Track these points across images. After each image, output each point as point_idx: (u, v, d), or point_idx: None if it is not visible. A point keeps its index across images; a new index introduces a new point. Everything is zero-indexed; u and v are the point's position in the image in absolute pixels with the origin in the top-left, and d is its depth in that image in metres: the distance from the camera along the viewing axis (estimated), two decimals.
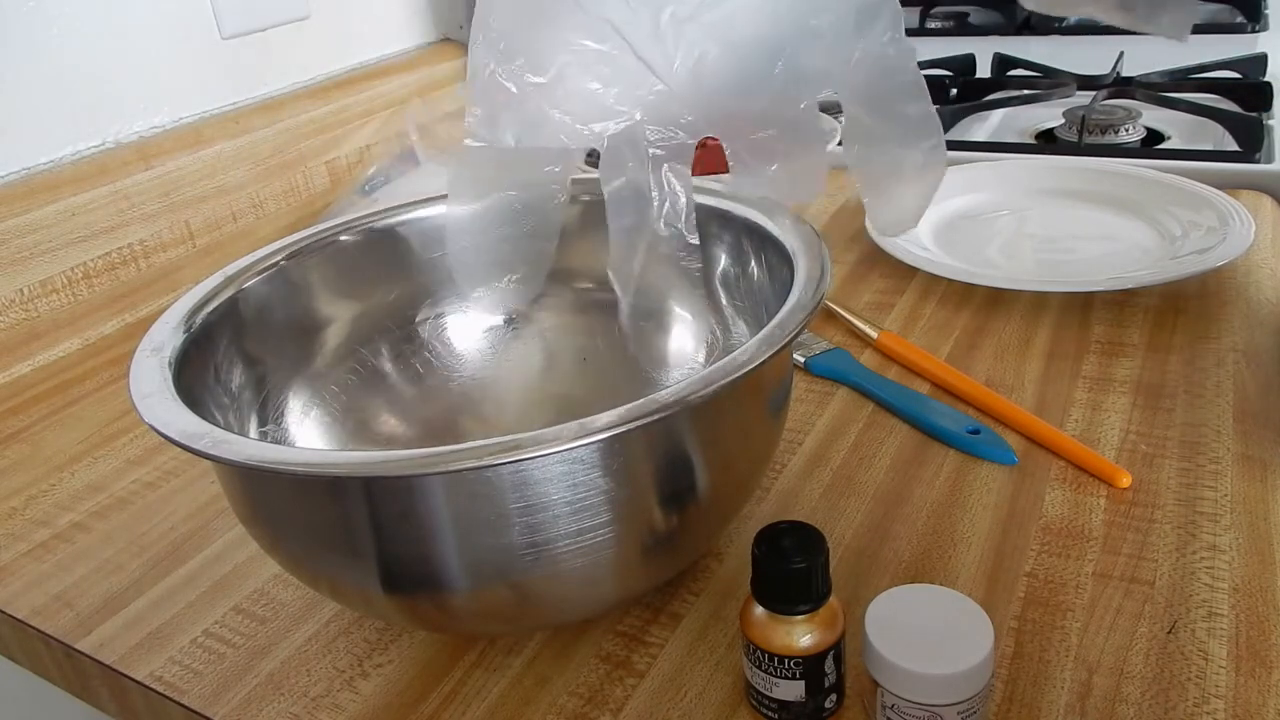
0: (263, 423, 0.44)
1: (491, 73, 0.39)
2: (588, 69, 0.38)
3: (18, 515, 0.52)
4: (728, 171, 0.43)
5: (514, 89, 0.39)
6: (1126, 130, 0.86)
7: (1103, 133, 0.86)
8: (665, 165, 0.40)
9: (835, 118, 0.76)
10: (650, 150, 0.39)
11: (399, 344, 0.51)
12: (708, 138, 0.41)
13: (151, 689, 0.40)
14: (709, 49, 0.38)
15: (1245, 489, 0.45)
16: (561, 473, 0.32)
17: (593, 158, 0.41)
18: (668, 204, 0.40)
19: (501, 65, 0.39)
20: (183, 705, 0.39)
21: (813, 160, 0.41)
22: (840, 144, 0.47)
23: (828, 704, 0.35)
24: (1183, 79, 0.97)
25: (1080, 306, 0.61)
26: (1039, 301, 0.63)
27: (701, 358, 0.50)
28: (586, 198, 0.48)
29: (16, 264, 0.66)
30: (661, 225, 0.40)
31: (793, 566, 0.33)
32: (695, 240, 0.41)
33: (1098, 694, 0.35)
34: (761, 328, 0.34)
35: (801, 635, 0.33)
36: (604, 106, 0.39)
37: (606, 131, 0.39)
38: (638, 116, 0.39)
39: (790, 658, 0.33)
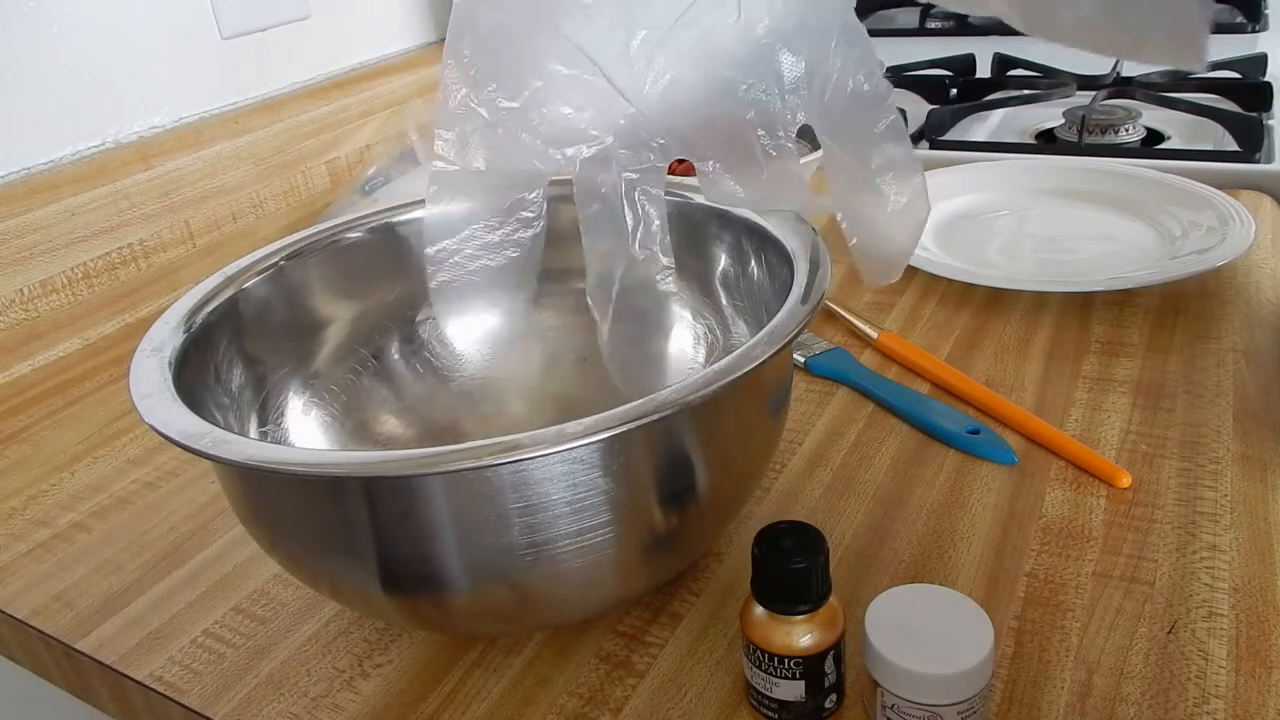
0: (263, 423, 0.44)
1: (463, 98, 0.39)
2: (560, 93, 0.39)
3: (18, 515, 0.52)
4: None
5: (485, 114, 0.39)
6: (1126, 130, 0.86)
7: (1103, 133, 0.86)
8: (638, 189, 0.40)
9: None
10: (623, 174, 0.39)
11: (399, 344, 0.51)
12: (679, 160, 0.41)
13: (151, 689, 0.40)
14: (680, 73, 0.38)
15: (1245, 489, 0.45)
16: (561, 473, 0.32)
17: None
18: (641, 227, 0.40)
19: (473, 91, 0.39)
20: (183, 705, 0.39)
21: (789, 176, 0.41)
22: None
23: (828, 704, 0.35)
24: (1183, 79, 0.97)
25: (1080, 306, 0.61)
26: (1039, 301, 0.63)
27: (701, 358, 0.50)
28: None
29: (16, 264, 0.66)
30: (636, 249, 0.40)
31: (793, 566, 0.33)
32: (670, 263, 0.41)
33: (1098, 694, 0.35)
34: (761, 328, 0.34)
35: (801, 635, 0.33)
36: (576, 130, 0.39)
37: (579, 156, 0.39)
38: (609, 141, 0.39)
39: (790, 658, 0.33)
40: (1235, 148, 0.81)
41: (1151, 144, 0.86)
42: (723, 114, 0.39)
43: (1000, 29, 1.19)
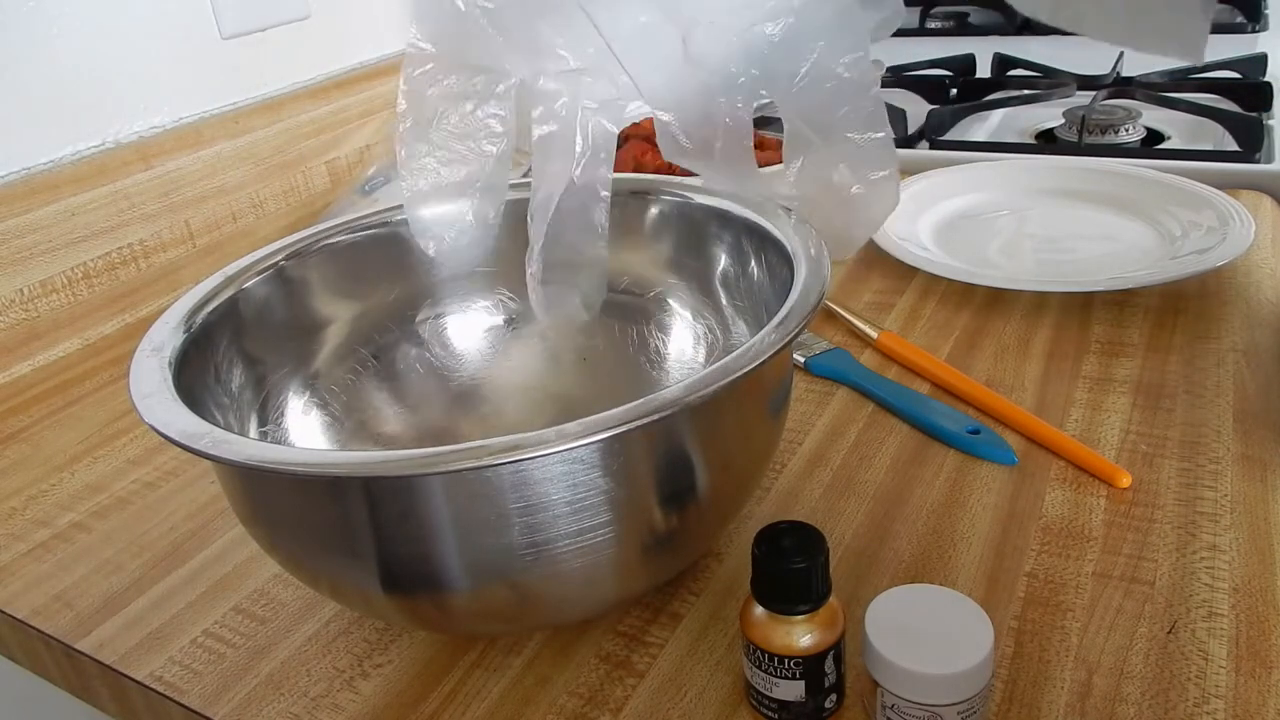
0: (263, 423, 0.44)
1: None
2: (536, 9, 0.38)
3: (18, 515, 0.52)
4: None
5: (461, 6, 0.39)
6: (1126, 130, 0.86)
7: (1103, 133, 0.86)
8: (594, 118, 0.40)
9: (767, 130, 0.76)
10: (582, 101, 0.39)
11: (399, 344, 0.51)
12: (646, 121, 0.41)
13: (151, 689, 0.40)
14: (656, 20, 0.38)
15: (1245, 489, 0.45)
16: (561, 473, 0.32)
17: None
18: (589, 155, 0.40)
19: None
20: (183, 705, 0.39)
21: (742, 151, 0.41)
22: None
23: (828, 704, 0.35)
24: (1183, 79, 0.98)
25: (1080, 306, 0.61)
26: (1039, 301, 0.63)
27: (701, 358, 0.50)
28: None
29: (16, 264, 0.66)
30: (578, 173, 0.40)
31: (793, 566, 0.33)
32: (607, 195, 0.41)
33: (1098, 694, 0.35)
34: (761, 328, 0.34)
35: (801, 635, 0.33)
36: (547, 48, 0.39)
37: (544, 69, 0.39)
38: (574, 64, 0.39)
39: (790, 658, 0.33)
40: (1235, 148, 0.81)
41: (1151, 144, 0.86)
42: (689, 73, 0.39)
43: (1001, 29, 1.19)
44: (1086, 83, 0.97)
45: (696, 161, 0.42)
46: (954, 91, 1.03)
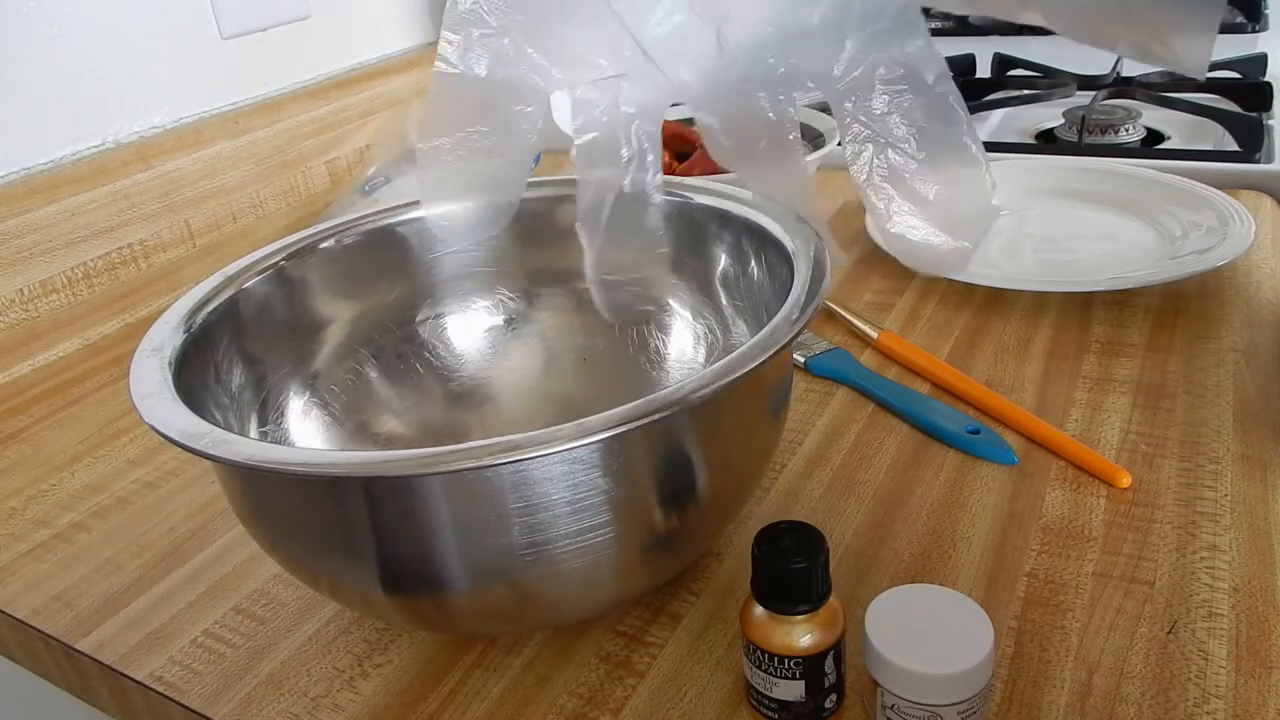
0: (263, 423, 0.44)
1: (474, 3, 0.39)
2: (569, 17, 0.38)
3: (18, 515, 0.52)
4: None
5: (494, 22, 0.39)
6: (1126, 130, 0.86)
7: (1103, 133, 0.86)
8: (635, 123, 0.40)
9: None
10: (623, 107, 0.39)
11: (399, 344, 0.51)
12: (677, 160, 0.41)
13: (151, 689, 0.40)
14: (691, 19, 0.38)
15: (1245, 489, 0.45)
16: (561, 473, 0.32)
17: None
18: (636, 160, 0.40)
19: None
20: (183, 705, 0.39)
21: (791, 165, 0.40)
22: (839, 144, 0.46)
23: (828, 704, 0.35)
24: (1183, 79, 0.97)
25: (1080, 306, 0.61)
26: (1039, 301, 0.63)
27: (701, 358, 0.50)
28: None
29: (16, 264, 0.66)
30: (628, 182, 0.40)
31: (793, 566, 0.33)
32: (660, 198, 0.40)
33: (1098, 694, 0.35)
34: (761, 328, 0.34)
35: (801, 635, 0.33)
36: (581, 56, 0.39)
37: (580, 80, 0.39)
38: (609, 71, 0.39)
39: (790, 658, 0.33)
40: (1235, 148, 0.81)
41: (1151, 144, 0.86)
42: (726, 69, 0.39)
43: (1000, 29, 1.19)
44: (1086, 83, 0.97)
45: (741, 164, 0.41)
46: None
